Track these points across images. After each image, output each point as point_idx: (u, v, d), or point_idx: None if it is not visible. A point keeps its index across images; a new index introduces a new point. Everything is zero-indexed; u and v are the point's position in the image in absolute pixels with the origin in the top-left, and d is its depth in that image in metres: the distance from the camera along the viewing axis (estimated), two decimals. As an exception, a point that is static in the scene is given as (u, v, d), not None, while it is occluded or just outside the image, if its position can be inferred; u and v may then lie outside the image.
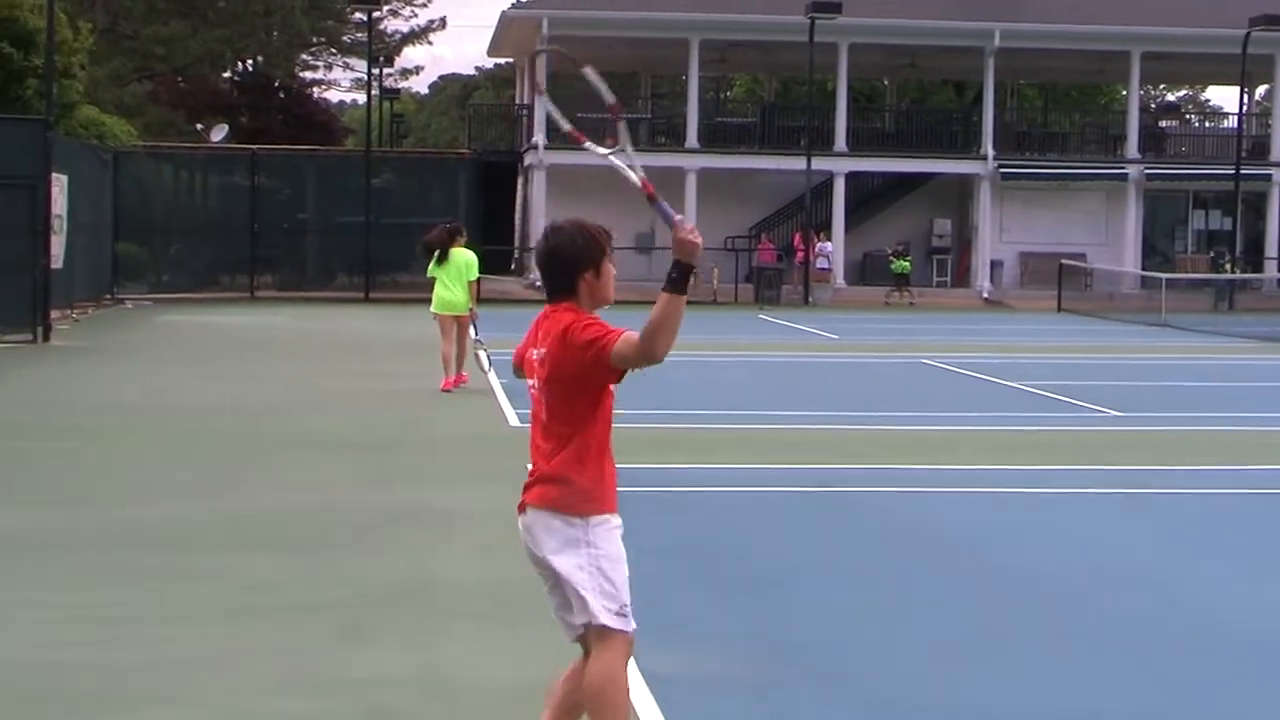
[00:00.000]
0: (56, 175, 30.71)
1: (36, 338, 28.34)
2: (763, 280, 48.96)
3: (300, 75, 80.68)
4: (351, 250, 48.22)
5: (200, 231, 48.55)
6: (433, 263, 21.46)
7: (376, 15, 58.12)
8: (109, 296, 41.63)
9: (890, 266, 50.19)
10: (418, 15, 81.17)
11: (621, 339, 6.03)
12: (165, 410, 19.36)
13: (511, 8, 54.51)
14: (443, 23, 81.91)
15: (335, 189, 49.80)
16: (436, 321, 21.46)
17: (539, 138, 51.77)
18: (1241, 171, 51.88)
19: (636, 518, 12.35)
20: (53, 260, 30.18)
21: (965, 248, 55.90)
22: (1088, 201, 55.46)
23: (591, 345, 6.06)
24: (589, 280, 6.26)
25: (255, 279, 47.27)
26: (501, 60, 71.88)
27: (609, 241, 6.35)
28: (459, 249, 21.37)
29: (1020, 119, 63.04)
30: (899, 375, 25.74)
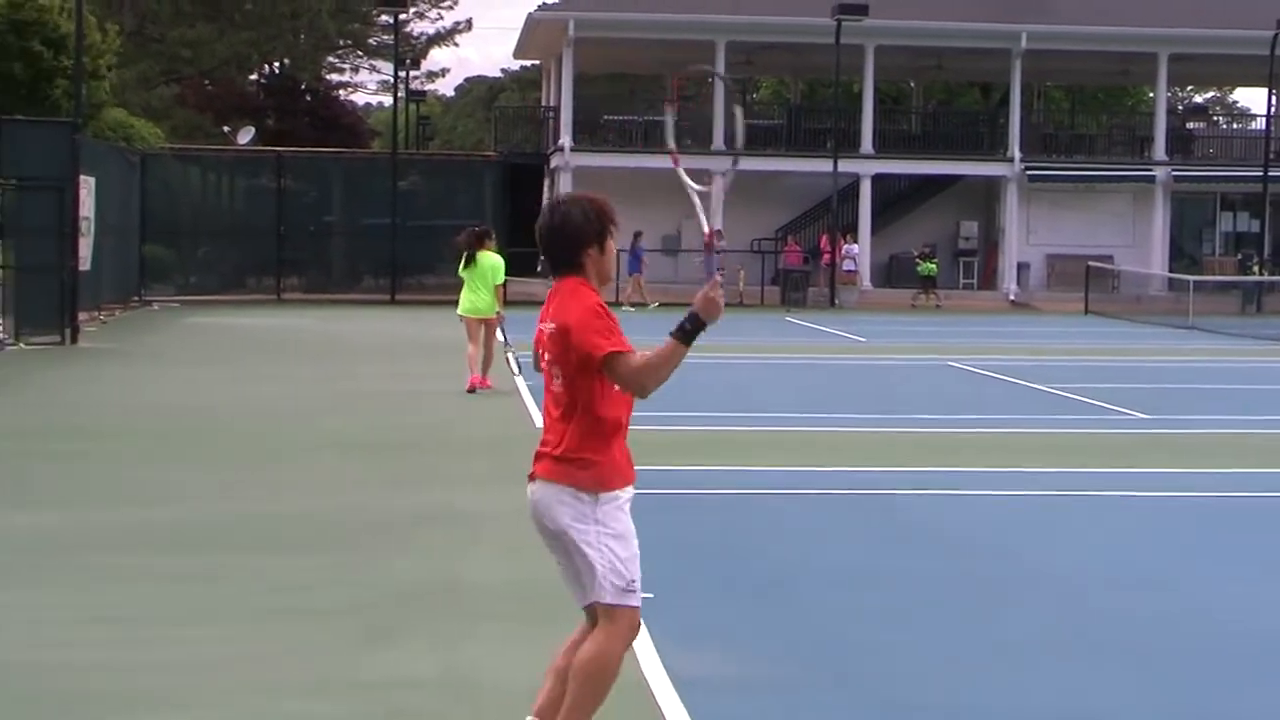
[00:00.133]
0: (84, 177, 30.79)
1: (64, 339, 28.40)
2: (789, 282, 48.88)
3: (326, 78, 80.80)
4: (377, 252, 48.25)
5: (227, 234, 48.64)
6: (461, 265, 21.56)
7: (403, 17, 58.10)
8: (136, 298, 41.71)
9: (917, 269, 50.08)
10: (444, 17, 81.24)
11: (621, 358, 6.12)
12: (192, 412, 19.39)
13: (538, 10, 54.52)
14: (469, 24, 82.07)
15: (361, 191, 49.85)
16: (463, 323, 21.54)
17: (566, 139, 51.78)
18: (1270, 173, 51.68)
19: (661, 519, 12.38)
20: (80, 262, 30.25)
21: (992, 250, 55.75)
22: (1115, 203, 55.28)
23: (590, 357, 6.15)
24: (593, 256, 6.34)
25: (281, 281, 47.32)
26: (527, 62, 71.90)
27: (612, 219, 6.43)
28: (486, 252, 21.41)
29: (1047, 121, 62.88)
30: (925, 378, 25.68)
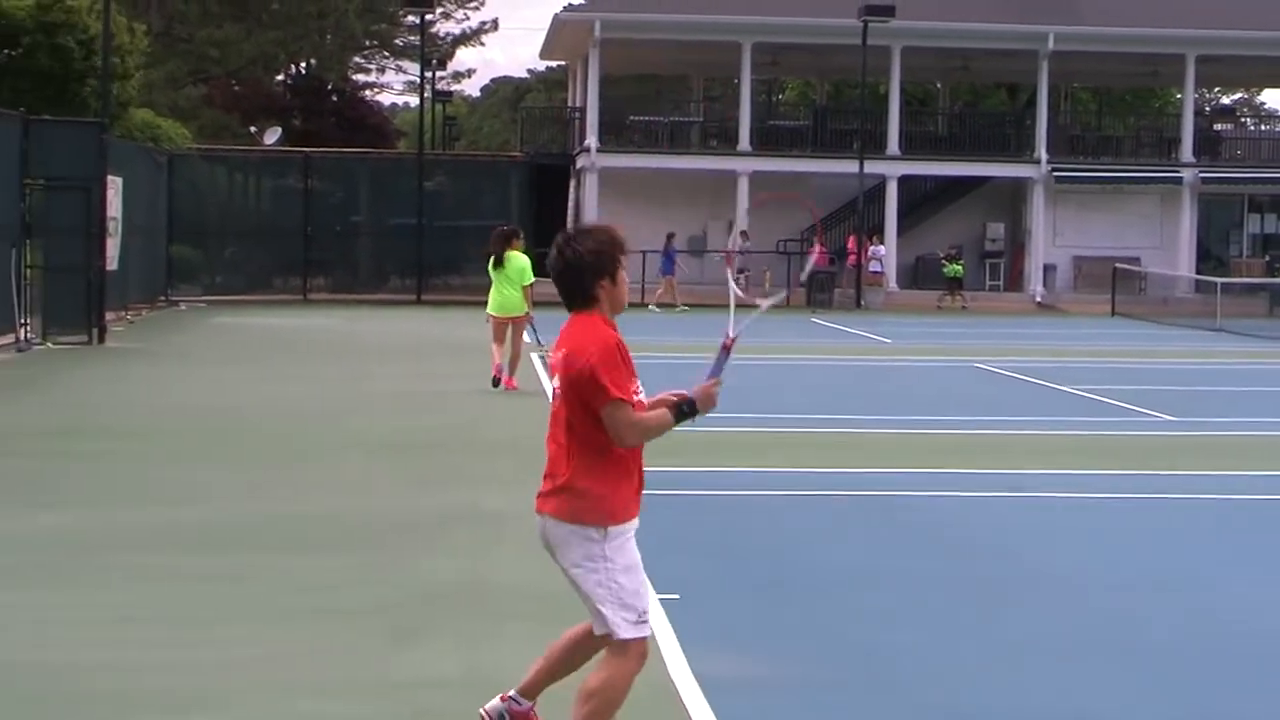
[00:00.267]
0: (112, 177, 30.87)
1: (91, 339, 28.48)
2: (815, 284, 48.84)
3: (353, 78, 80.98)
4: (404, 253, 48.33)
5: (253, 234, 48.74)
6: (490, 265, 21.72)
7: (429, 18, 58.19)
8: (163, 298, 41.81)
9: (943, 270, 49.99)
10: (470, 18, 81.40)
11: (619, 407, 6.24)
12: (218, 412, 19.43)
13: (564, 10, 54.53)
14: (494, 25, 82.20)
15: (388, 192, 49.93)
16: (489, 322, 21.68)
17: (592, 140, 51.81)
18: (1298, 175, 51.55)
19: (687, 520, 12.38)
20: (108, 262, 30.35)
21: (1018, 251, 55.64)
22: (1142, 205, 55.10)
23: (595, 397, 6.26)
24: (606, 287, 6.40)
25: (308, 281, 47.42)
26: (553, 63, 71.92)
27: (623, 251, 6.46)
28: (514, 252, 21.52)
29: (1074, 122, 62.76)
30: (951, 379, 25.64)
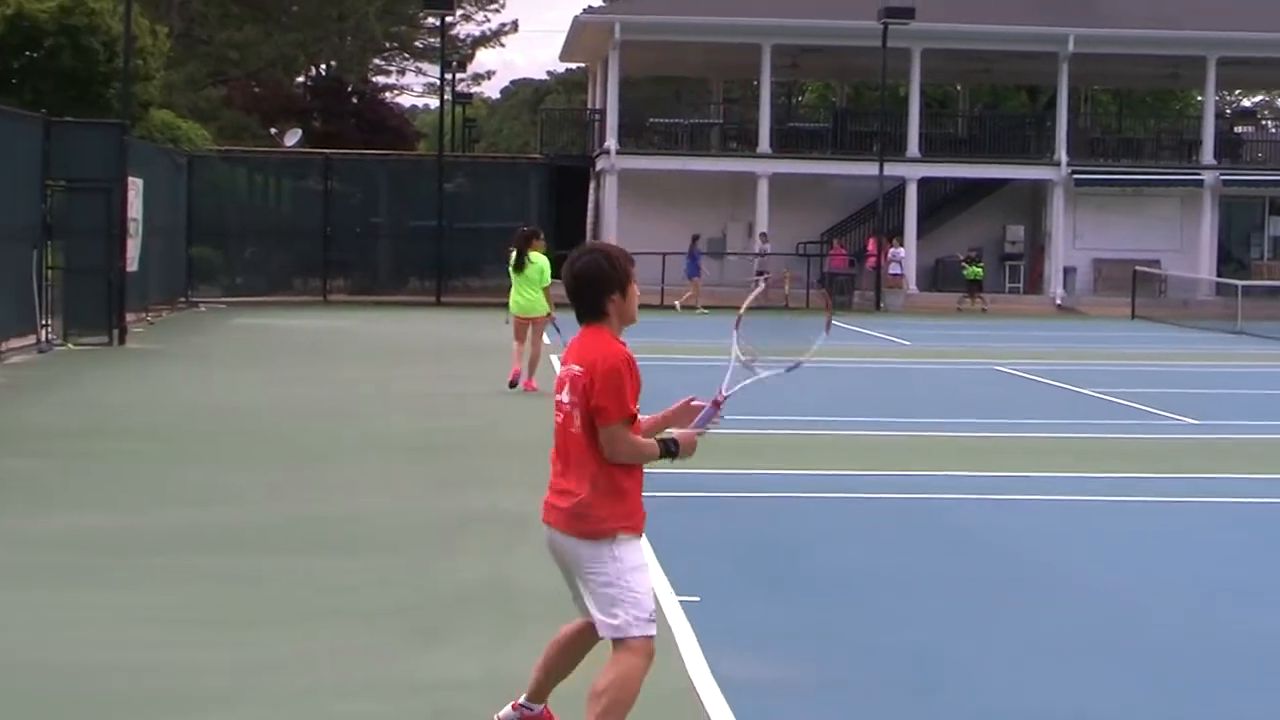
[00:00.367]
0: (132, 179, 30.95)
1: (112, 340, 28.54)
2: (834, 286, 48.81)
3: (373, 80, 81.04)
4: (423, 254, 48.39)
5: (273, 235, 48.84)
6: (511, 266, 21.82)
7: (449, 20, 58.20)
8: (183, 299, 41.87)
9: (963, 272, 49.94)
10: (490, 20, 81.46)
11: (618, 427, 6.45)
12: (238, 413, 19.47)
13: (584, 13, 54.59)
14: (514, 26, 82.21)
15: (407, 193, 49.99)
16: (509, 323, 21.84)
17: (611, 142, 51.83)
18: (1319, 178, 51.42)
19: (706, 522, 12.39)
20: (128, 263, 30.42)
21: (1038, 254, 55.56)
22: (1162, 208, 54.97)
23: (598, 414, 6.49)
24: (616, 302, 6.58)
25: (328, 283, 47.48)
26: (573, 65, 72.00)
27: (632, 265, 6.65)
28: (535, 253, 21.59)
29: (1094, 124, 62.64)
30: (971, 382, 25.61)
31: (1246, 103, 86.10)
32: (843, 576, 10.61)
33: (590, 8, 54.30)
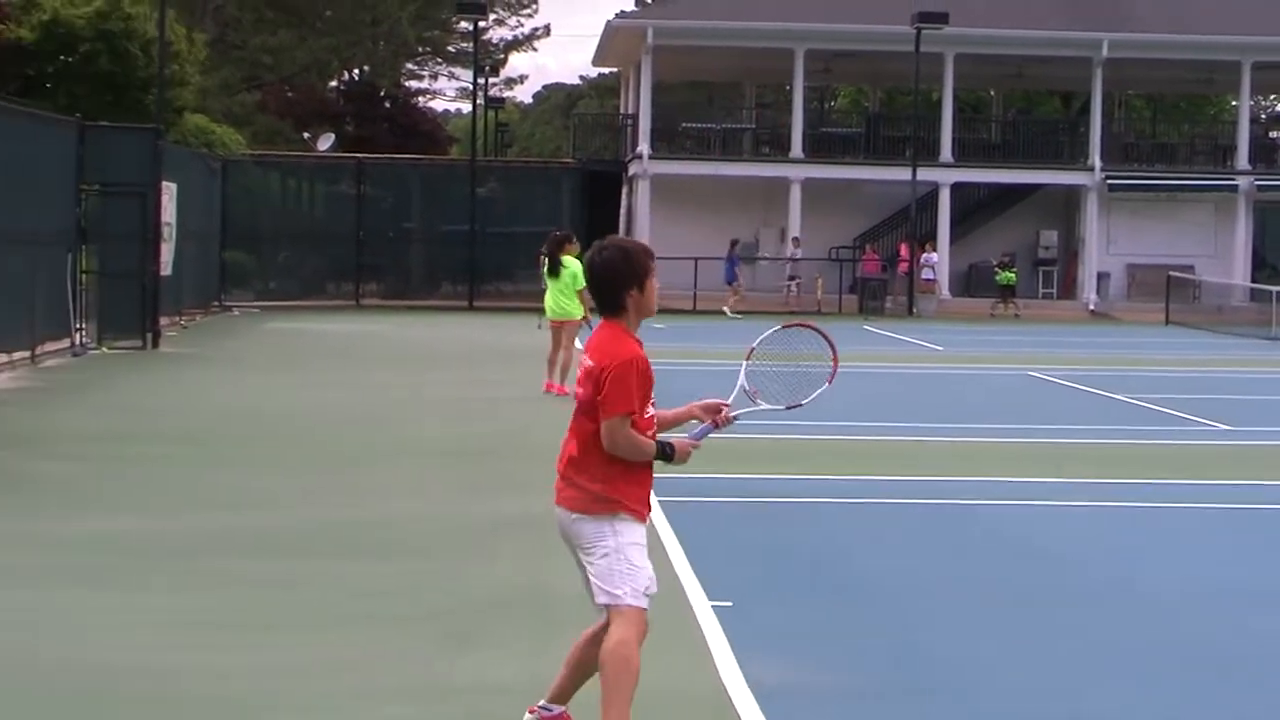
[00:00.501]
0: (166, 183, 31.06)
1: (146, 344, 28.65)
2: (867, 291, 48.78)
3: (406, 84, 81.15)
4: (456, 259, 48.44)
5: (307, 239, 48.96)
6: (546, 270, 21.93)
7: (481, 24, 58.27)
8: (216, 303, 41.99)
9: (996, 278, 49.83)
10: (523, 24, 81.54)
11: (620, 422, 6.78)
12: (272, 417, 19.52)
13: (617, 17, 54.60)
14: (547, 30, 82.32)
15: (440, 198, 50.07)
16: (543, 328, 22.04)
17: (644, 147, 51.84)
18: (1354, 183, 51.17)
19: (739, 527, 12.38)
20: (162, 267, 30.53)
21: (1072, 259, 55.43)
22: (1196, 213, 54.78)
23: (603, 407, 6.80)
24: (634, 297, 6.94)
25: (361, 287, 47.59)
26: (606, 70, 72.02)
27: (651, 260, 7.00)
28: (568, 257, 21.63)
29: (1128, 129, 62.41)
30: (1004, 387, 25.56)
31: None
32: (876, 581, 10.60)
33: (623, 12, 54.30)
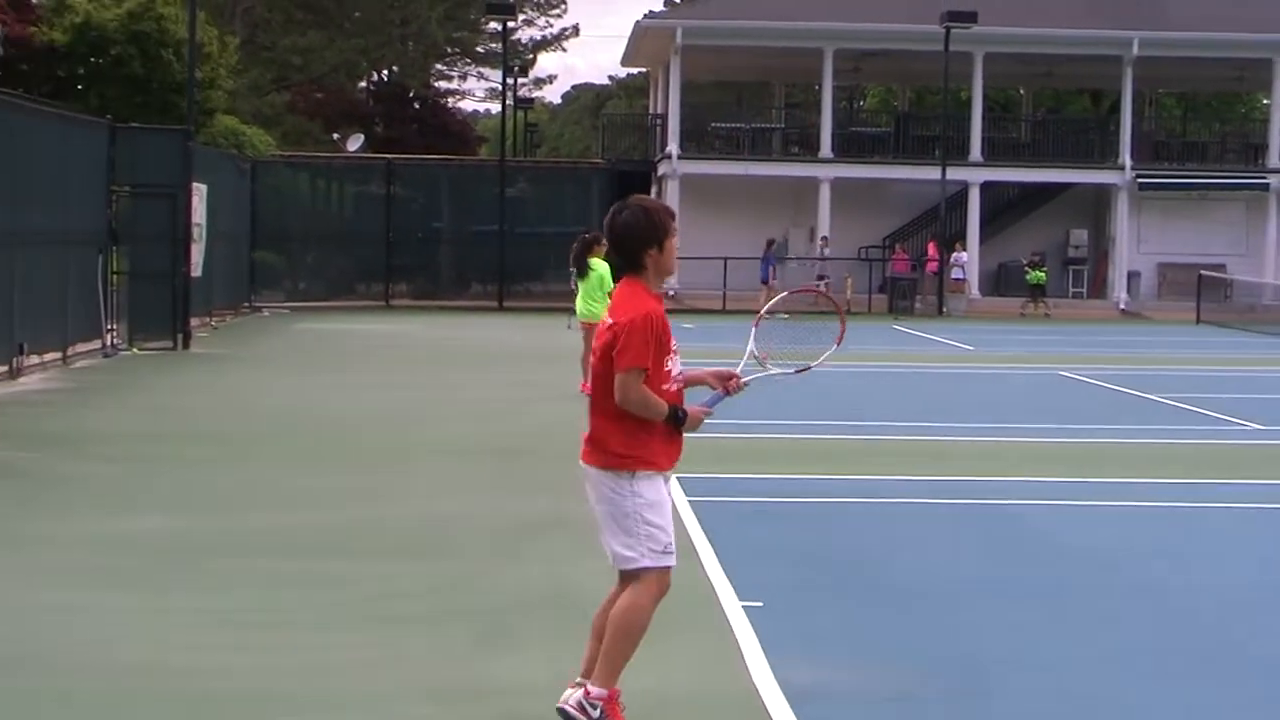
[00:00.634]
0: (196, 184, 31.14)
1: (176, 345, 28.74)
2: (897, 290, 48.74)
3: (435, 85, 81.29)
4: (485, 259, 48.48)
5: (336, 240, 49.05)
6: (576, 272, 22.00)
7: (511, 25, 58.33)
8: (246, 304, 42.11)
9: (1026, 277, 49.75)
10: (552, 25, 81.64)
11: (633, 374, 6.95)
12: (303, 417, 19.56)
13: (646, 17, 54.60)
14: (575, 30, 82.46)
15: (469, 198, 50.12)
16: (572, 328, 22.14)
17: (673, 147, 51.84)
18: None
19: (771, 527, 12.37)
20: (192, 268, 30.61)
21: (1102, 258, 55.32)
22: (1228, 212, 54.63)
23: (619, 357, 6.99)
24: (654, 256, 7.14)
25: (390, 287, 47.68)
26: (635, 70, 72.06)
27: (672, 220, 7.15)
28: (596, 259, 21.66)
29: (1158, 128, 62.27)
30: (1035, 387, 25.50)
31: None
32: (907, 582, 10.57)
33: (652, 13, 54.29)
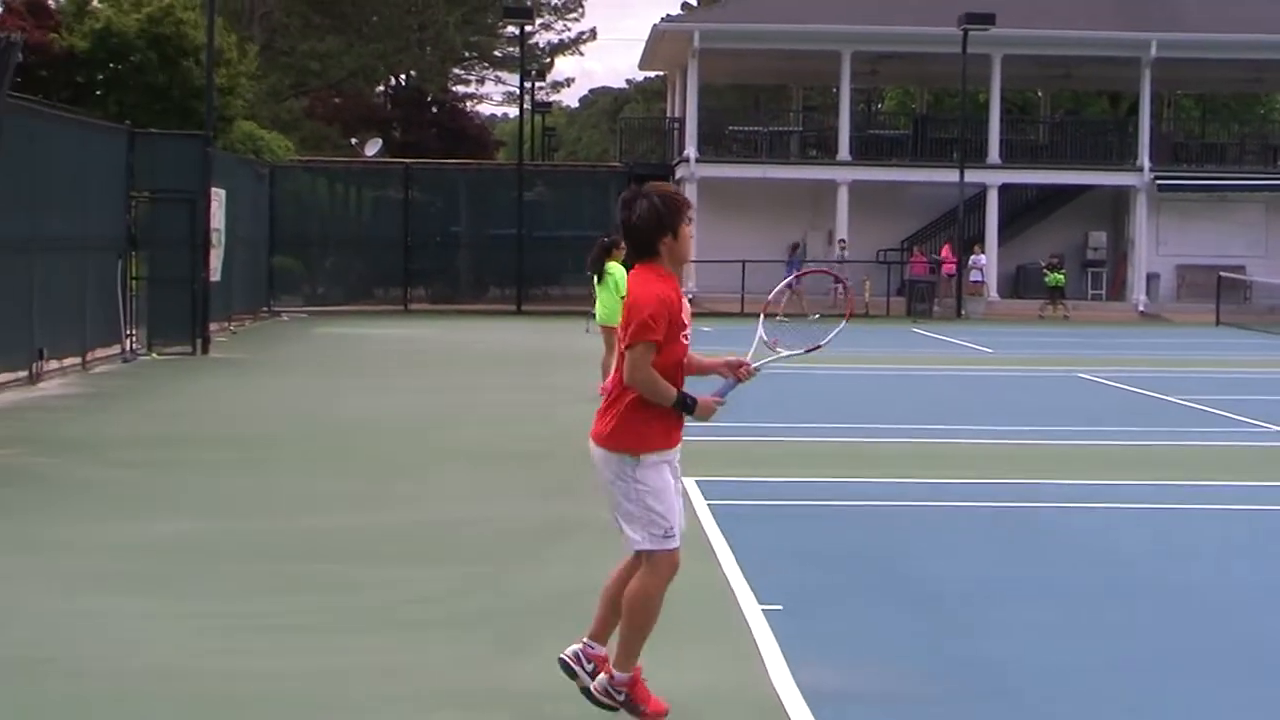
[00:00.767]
0: (215, 189, 31.19)
1: (195, 350, 28.78)
2: (915, 293, 48.70)
3: (453, 89, 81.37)
4: (503, 263, 48.54)
5: (354, 244, 49.13)
6: (594, 277, 22.05)
7: (528, 29, 58.38)
8: (265, 309, 42.19)
9: (1044, 279, 49.71)
10: (569, 29, 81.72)
11: (643, 349, 6.98)
12: (323, 421, 19.57)
13: (663, 21, 54.62)
14: (593, 34, 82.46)
15: (487, 202, 50.17)
16: (589, 331, 22.16)
17: (691, 150, 51.84)
18: (1406, 182, 50.82)
19: (793, 529, 12.36)
20: (211, 273, 30.66)
21: (1121, 260, 55.23)
22: (1247, 213, 54.54)
23: (624, 333, 7.07)
24: (668, 243, 7.17)
25: (408, 291, 47.74)
26: (652, 73, 72.07)
27: (688, 208, 7.16)
28: (613, 263, 21.68)
29: (1177, 130, 62.18)
30: (1055, 389, 25.46)
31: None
32: (928, 585, 10.55)
33: (669, 16, 54.28)
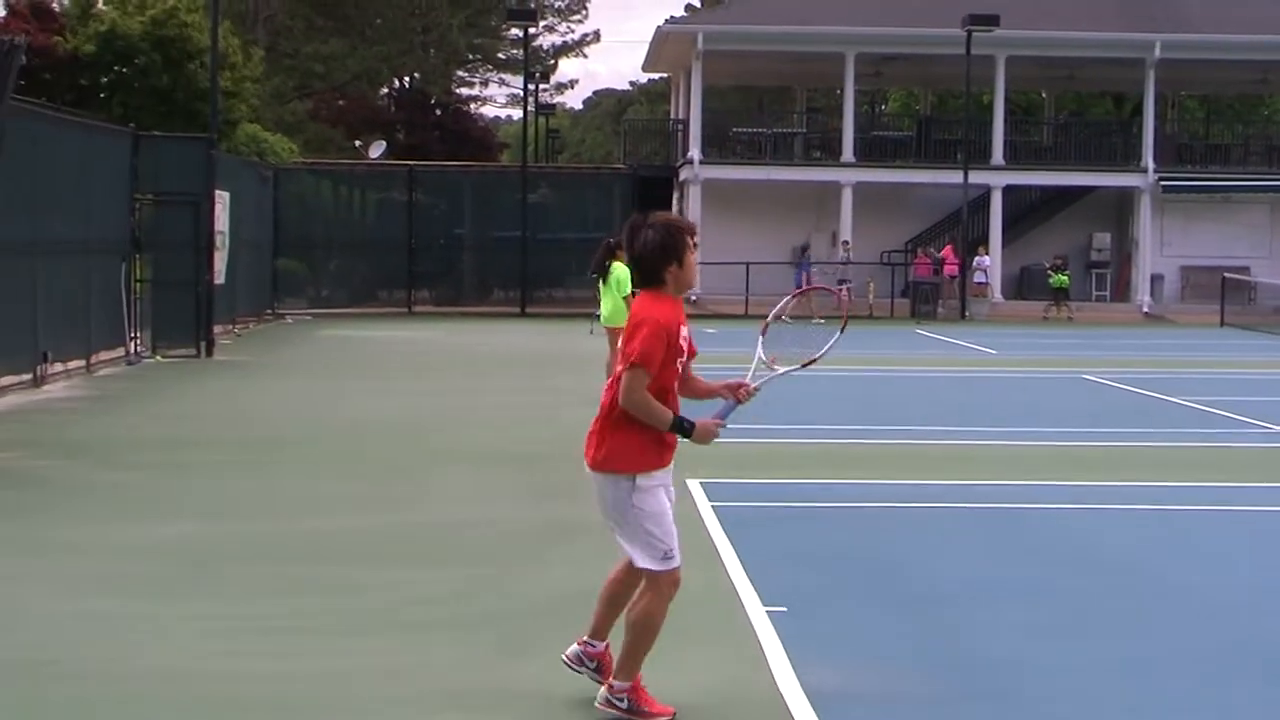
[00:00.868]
0: (219, 192, 31.21)
1: (200, 352, 28.80)
2: (919, 295, 48.68)
3: (456, 91, 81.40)
4: (507, 265, 48.57)
5: (358, 247, 49.15)
6: (599, 278, 22.09)
7: (532, 31, 58.39)
8: (269, 311, 42.20)
9: (1048, 280, 49.69)
10: (573, 30, 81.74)
11: (639, 372, 7.08)
12: (327, 424, 19.58)
13: (667, 23, 54.63)
14: (597, 36, 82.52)
15: (491, 204, 50.17)
16: (593, 333, 22.15)
17: (695, 152, 51.84)
18: None
19: (794, 531, 12.35)
20: (215, 276, 30.67)
21: (1125, 262, 55.20)
22: (1251, 215, 54.52)
23: (622, 353, 7.19)
24: (674, 271, 7.25)
25: (412, 294, 47.75)
26: (656, 75, 72.09)
27: (693, 236, 7.34)
28: (617, 264, 21.71)
29: (1181, 131, 62.16)
30: (1059, 391, 25.44)
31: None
32: (931, 586, 10.54)
33: (673, 18, 54.31)
